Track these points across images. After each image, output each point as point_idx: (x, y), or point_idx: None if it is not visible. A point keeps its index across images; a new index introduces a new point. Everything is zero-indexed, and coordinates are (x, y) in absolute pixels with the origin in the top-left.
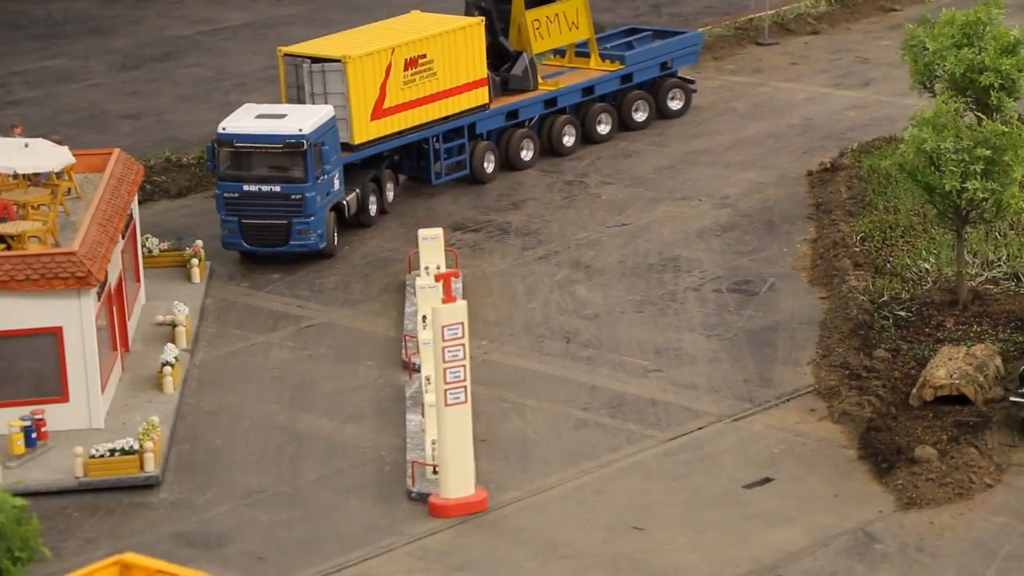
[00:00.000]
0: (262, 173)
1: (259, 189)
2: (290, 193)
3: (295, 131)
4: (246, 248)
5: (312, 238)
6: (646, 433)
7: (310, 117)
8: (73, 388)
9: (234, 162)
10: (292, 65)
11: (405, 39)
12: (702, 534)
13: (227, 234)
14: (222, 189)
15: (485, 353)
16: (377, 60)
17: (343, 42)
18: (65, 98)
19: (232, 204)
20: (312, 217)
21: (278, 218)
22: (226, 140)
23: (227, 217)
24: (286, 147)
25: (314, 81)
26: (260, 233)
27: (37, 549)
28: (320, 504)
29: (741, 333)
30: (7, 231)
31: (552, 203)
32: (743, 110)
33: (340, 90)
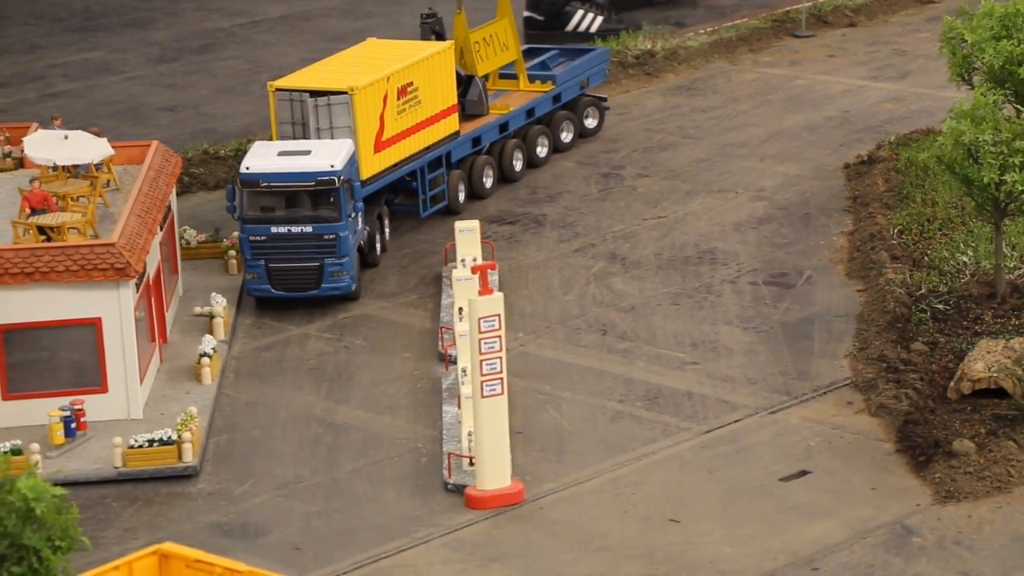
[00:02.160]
0: (291, 213)
1: (288, 231)
2: (323, 233)
3: (327, 167)
4: (274, 294)
5: (345, 280)
6: (682, 425)
7: (337, 152)
8: (112, 379)
9: (260, 203)
10: (287, 100)
11: (395, 66)
12: (738, 527)
13: (252, 280)
14: (247, 232)
15: (521, 345)
16: (377, 90)
17: (331, 73)
18: (104, 90)
19: (259, 248)
20: (346, 258)
21: (310, 260)
22: (251, 180)
23: (253, 262)
24: (318, 184)
25: (319, 115)
26: (290, 277)
27: (76, 538)
28: (357, 495)
29: (777, 326)
30: (47, 223)
31: (588, 195)
32: (779, 102)
33: (346, 123)
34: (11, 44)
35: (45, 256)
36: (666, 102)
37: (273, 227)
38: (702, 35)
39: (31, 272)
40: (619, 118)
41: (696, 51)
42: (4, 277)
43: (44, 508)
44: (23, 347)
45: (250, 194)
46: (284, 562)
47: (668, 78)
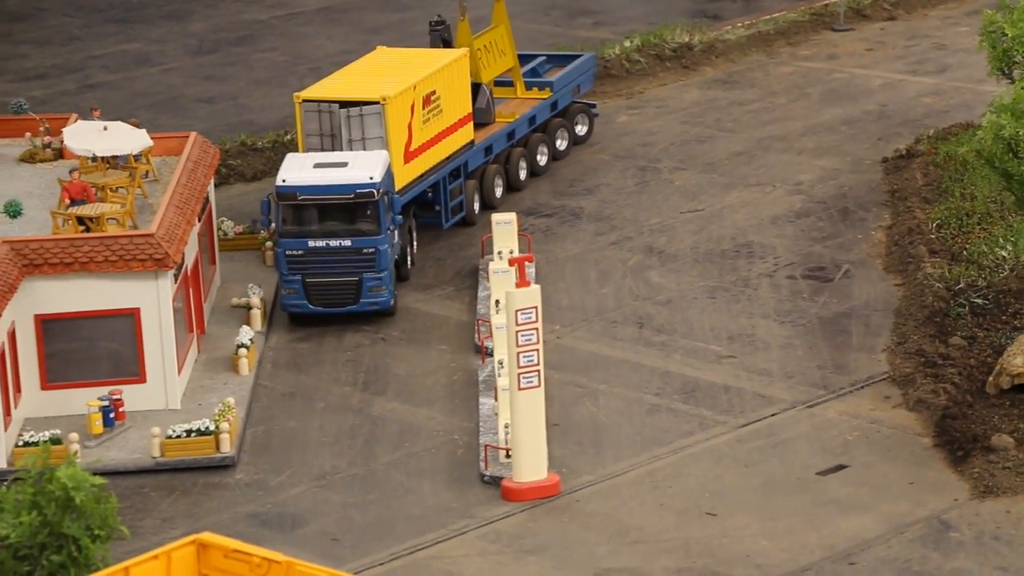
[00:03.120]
0: (330, 227)
1: (327, 244)
2: (362, 247)
3: (366, 179)
4: (311, 310)
5: (384, 295)
6: (719, 419)
7: (375, 164)
8: (150, 369)
9: (297, 216)
10: (315, 111)
11: (420, 75)
12: (775, 520)
13: (288, 295)
14: (284, 247)
15: (558, 338)
16: (406, 99)
17: (357, 83)
18: (142, 82)
19: (296, 262)
20: (385, 272)
21: (348, 275)
22: (288, 193)
23: (289, 277)
24: (357, 197)
25: (352, 126)
26: (328, 292)
27: (115, 527)
28: (393, 486)
29: (815, 320)
30: (86, 213)
31: (625, 188)
32: (817, 96)
33: (379, 134)
34: (50, 36)
35: (84, 246)
36: (703, 95)
37: (311, 241)
38: (740, 28)
39: (70, 262)
40: (656, 111)
41: (734, 44)
42: (44, 267)
43: (83, 497)
44: (62, 337)
45: (287, 207)
46: (321, 553)
47: (706, 71)
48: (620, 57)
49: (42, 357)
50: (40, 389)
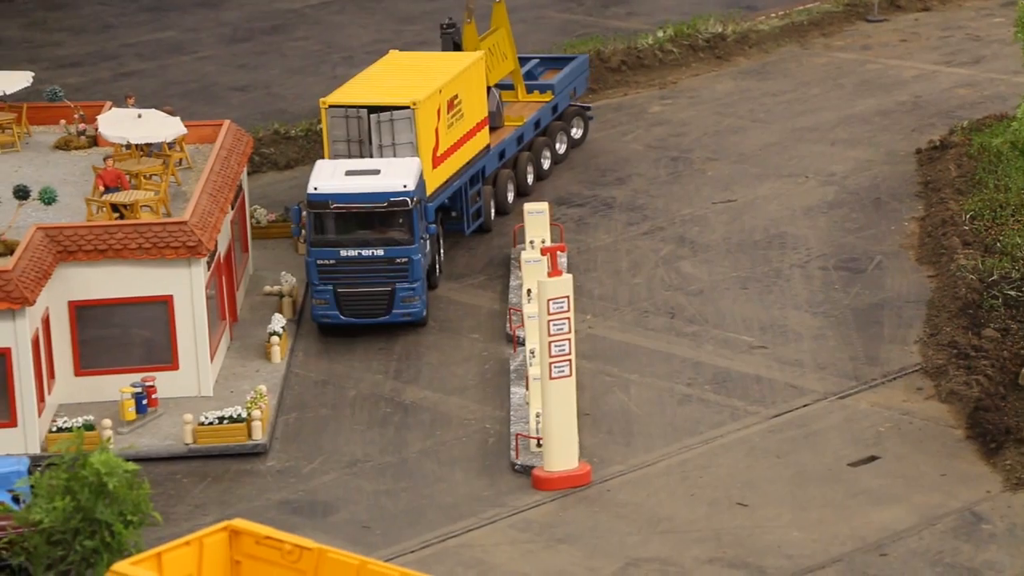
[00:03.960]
0: (362, 236)
1: (359, 254)
2: (395, 257)
3: (400, 187)
4: (343, 321)
5: (417, 305)
6: (750, 409)
7: (408, 171)
8: (183, 356)
9: (329, 225)
10: (342, 117)
11: (444, 79)
12: (806, 511)
13: (319, 306)
14: (315, 256)
15: (589, 327)
16: (433, 103)
17: (382, 87)
18: (176, 70)
19: (327, 272)
20: (418, 282)
21: (381, 285)
22: (320, 201)
23: (320, 287)
24: (390, 205)
25: (382, 131)
26: (360, 303)
27: (148, 513)
28: (424, 475)
29: (847, 311)
30: (120, 200)
31: (657, 179)
32: (851, 87)
33: (409, 139)
34: (85, 24)
35: (118, 233)
36: (736, 86)
37: (342, 250)
38: (773, 19)
39: (104, 249)
40: (689, 101)
41: (767, 35)
42: (78, 254)
43: (116, 483)
44: (95, 324)
45: (318, 216)
46: (352, 540)
47: (739, 62)
48: (653, 47)
49: (76, 343)
50: (74, 375)
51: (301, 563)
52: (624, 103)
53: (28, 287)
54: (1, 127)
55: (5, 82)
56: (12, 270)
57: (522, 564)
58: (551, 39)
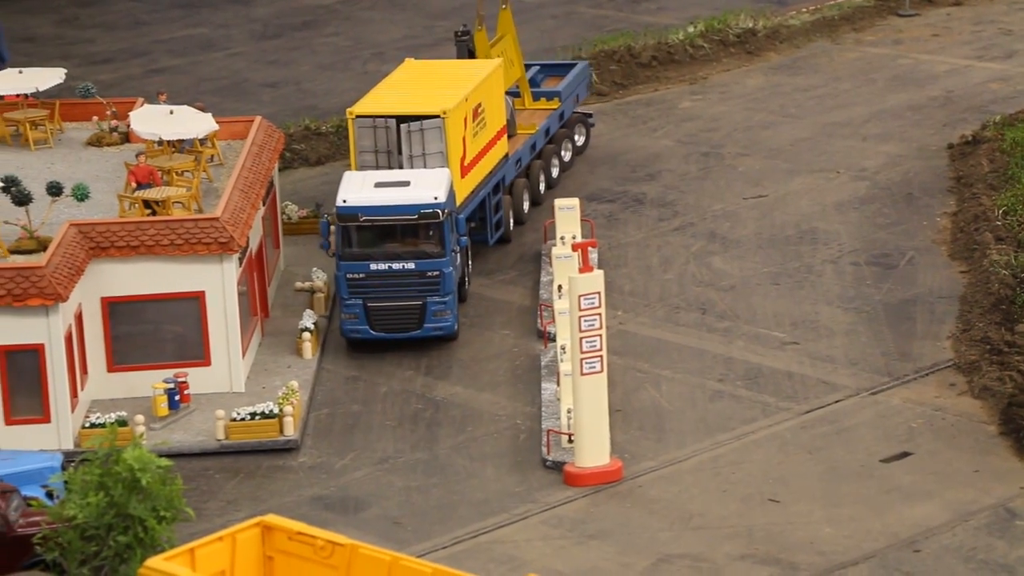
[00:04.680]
0: (392, 249)
1: (389, 267)
2: (426, 270)
3: (430, 199)
4: (373, 336)
5: (449, 319)
6: (782, 405)
7: (438, 182)
8: (215, 352)
9: (358, 238)
10: (370, 127)
11: (468, 87)
12: (839, 507)
13: (349, 320)
14: (344, 270)
15: (620, 323)
16: (461, 112)
17: (408, 96)
18: (207, 66)
19: (357, 286)
20: (449, 296)
21: (412, 299)
22: (350, 214)
23: (350, 301)
24: (421, 218)
25: (412, 141)
26: (390, 317)
27: (181, 509)
28: (456, 471)
29: (879, 306)
30: (152, 197)
31: (688, 174)
32: (882, 82)
33: (439, 148)
34: (117, 20)
35: (150, 230)
36: (767, 81)
37: (372, 264)
38: (804, 14)
39: (136, 245)
40: (720, 97)
41: (798, 30)
42: (110, 250)
43: (149, 478)
44: (128, 319)
45: (348, 229)
46: (384, 536)
47: (770, 57)
48: (684, 42)
49: (108, 339)
50: (106, 371)
51: (333, 559)
52: (654, 98)
53: (61, 283)
54: (34, 124)
55: (38, 79)
56: (45, 266)
57: (554, 560)
58: (582, 34)
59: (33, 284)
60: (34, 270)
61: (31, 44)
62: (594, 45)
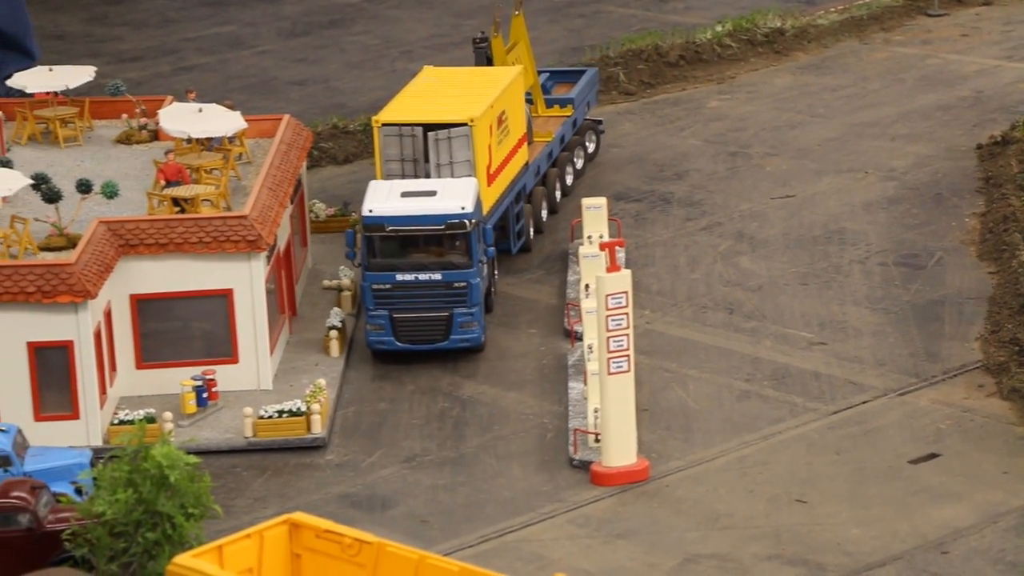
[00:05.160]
0: (419, 259)
1: (415, 278)
2: (453, 281)
3: (457, 209)
4: (399, 347)
5: (476, 331)
6: (809, 406)
7: (465, 192)
8: (243, 350)
9: (384, 248)
10: (396, 136)
11: (493, 94)
12: (866, 508)
13: (374, 331)
14: (370, 280)
15: (647, 323)
16: (487, 119)
17: (434, 104)
18: (236, 64)
19: (383, 297)
20: (476, 307)
21: (438, 310)
22: (376, 224)
23: (375, 312)
24: (448, 228)
25: (439, 150)
26: (417, 328)
27: (209, 506)
28: (483, 469)
29: (907, 307)
30: (181, 194)
31: (716, 174)
32: (911, 82)
33: (466, 157)
34: (146, 18)
35: (179, 227)
36: (795, 80)
37: (399, 274)
38: (832, 13)
39: (165, 243)
40: (747, 96)
41: (826, 29)
42: (139, 248)
43: (178, 476)
44: (156, 317)
45: (374, 239)
46: (411, 534)
47: (798, 56)
48: (711, 42)
49: (137, 337)
50: (135, 368)
51: (360, 557)
52: (682, 98)
53: (90, 280)
54: (64, 121)
55: (68, 77)
56: (75, 263)
57: (581, 559)
58: (610, 33)
59: (63, 281)
60: (64, 267)
61: (61, 42)
62: (622, 44)
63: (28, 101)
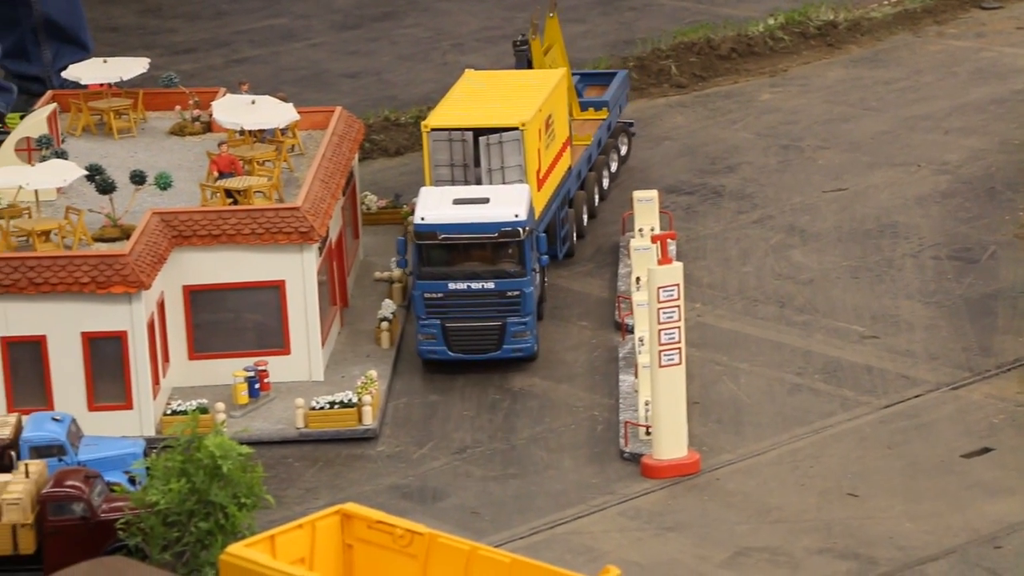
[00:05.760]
0: (471, 268)
1: (468, 287)
2: (506, 290)
3: (511, 217)
4: (451, 357)
5: (529, 340)
6: (861, 400)
7: (518, 199)
8: (294, 341)
9: (437, 257)
10: (446, 141)
11: (541, 97)
12: (918, 502)
13: (425, 341)
14: (421, 289)
15: (698, 316)
16: (536, 123)
17: (484, 108)
18: (288, 56)
19: (434, 306)
20: (529, 316)
21: (491, 319)
22: (428, 231)
23: (427, 321)
24: (501, 236)
25: (491, 155)
26: (469, 338)
27: (262, 496)
28: (533, 461)
29: (960, 301)
30: (234, 186)
31: (767, 167)
32: (965, 75)
33: (518, 162)
34: (199, 11)
35: (231, 219)
36: (848, 73)
37: (451, 283)
38: (886, 6)
39: (218, 234)
40: (799, 89)
41: (879, 22)
42: (192, 239)
43: (231, 466)
44: (209, 308)
45: (426, 247)
46: (462, 526)
47: (851, 49)
48: (764, 35)
49: (190, 327)
50: (188, 359)
51: (412, 548)
52: (734, 91)
53: (144, 271)
54: (118, 113)
55: (122, 68)
56: (128, 254)
57: (631, 552)
58: (661, 26)
59: (116, 272)
60: (117, 258)
61: (115, 34)
62: (674, 37)
63: (82, 93)
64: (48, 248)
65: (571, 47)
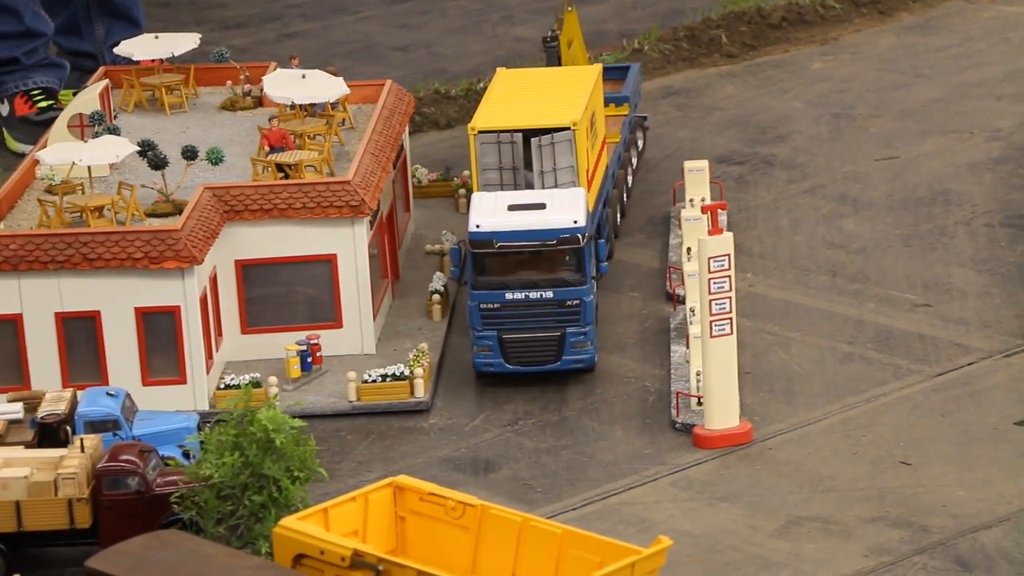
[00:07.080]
0: (529, 277)
1: (526, 296)
2: (565, 299)
3: (570, 223)
4: (508, 369)
5: (589, 350)
6: (913, 368)
7: (575, 204)
8: (346, 314)
9: (492, 265)
10: (494, 143)
11: (584, 95)
12: (971, 470)
13: (481, 353)
14: (477, 299)
15: (750, 286)
16: (584, 123)
17: (530, 108)
18: (338, 30)
19: (491, 316)
20: (589, 326)
21: (550, 330)
22: (484, 240)
23: (483, 332)
24: (560, 243)
25: (543, 156)
26: (527, 349)
27: (314, 469)
28: (585, 432)
29: (1013, 268)
30: (285, 160)
31: (818, 136)
32: (1018, 41)
33: (569, 163)
34: None
35: (283, 193)
36: (899, 41)
37: (508, 293)
38: None
39: (269, 209)
40: (851, 58)
41: None
42: (244, 213)
43: (283, 439)
44: (261, 282)
45: (482, 256)
46: (514, 497)
47: (902, 17)
48: (815, 3)
49: (242, 302)
50: (240, 333)
51: (464, 519)
52: (784, 60)
53: (197, 246)
54: (170, 88)
55: (173, 44)
56: (181, 229)
57: (683, 522)
58: None
59: (169, 247)
60: (170, 233)
61: (166, 9)
62: (724, 6)
63: (134, 69)
64: (101, 224)
65: (620, 18)
